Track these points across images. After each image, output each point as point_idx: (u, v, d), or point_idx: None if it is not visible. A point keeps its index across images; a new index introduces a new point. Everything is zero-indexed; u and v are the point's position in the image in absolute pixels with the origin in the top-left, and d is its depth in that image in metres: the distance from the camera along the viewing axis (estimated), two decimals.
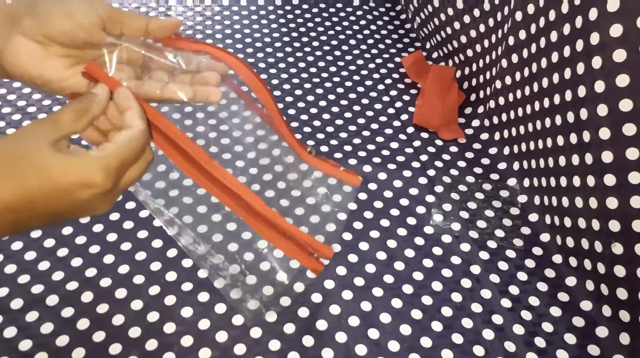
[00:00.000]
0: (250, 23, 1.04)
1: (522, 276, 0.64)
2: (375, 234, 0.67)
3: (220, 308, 0.58)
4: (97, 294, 0.59)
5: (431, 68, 0.89)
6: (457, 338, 0.58)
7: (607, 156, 0.56)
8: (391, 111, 0.86)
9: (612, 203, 0.56)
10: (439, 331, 0.58)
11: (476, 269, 0.64)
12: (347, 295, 0.61)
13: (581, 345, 0.58)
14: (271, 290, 0.54)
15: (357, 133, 0.82)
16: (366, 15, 1.09)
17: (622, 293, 0.56)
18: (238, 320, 0.57)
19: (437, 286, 0.62)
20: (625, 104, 0.53)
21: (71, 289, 0.59)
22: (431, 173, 0.76)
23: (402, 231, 0.68)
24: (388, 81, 0.92)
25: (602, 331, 0.58)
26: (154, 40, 0.42)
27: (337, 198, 0.55)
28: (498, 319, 0.59)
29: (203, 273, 0.60)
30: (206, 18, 1.04)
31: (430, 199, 0.72)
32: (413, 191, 0.73)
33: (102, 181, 0.34)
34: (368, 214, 0.70)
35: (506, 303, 0.61)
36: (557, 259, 0.65)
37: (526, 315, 0.60)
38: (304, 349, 0.56)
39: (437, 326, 0.58)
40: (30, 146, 0.33)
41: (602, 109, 0.55)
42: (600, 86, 0.55)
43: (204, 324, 0.57)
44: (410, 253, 0.66)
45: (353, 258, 0.65)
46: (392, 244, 0.66)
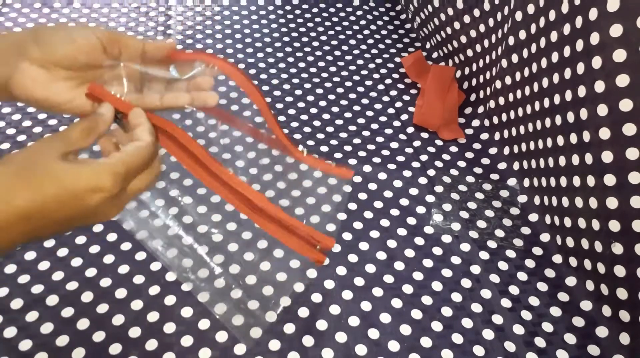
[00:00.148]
0: (250, 23, 1.04)
1: (522, 276, 0.64)
2: (375, 234, 0.67)
3: (220, 308, 0.58)
4: (97, 294, 0.59)
5: (431, 68, 0.89)
6: (457, 338, 0.58)
7: (607, 156, 0.56)
8: (391, 111, 0.86)
9: (612, 203, 0.56)
10: (439, 331, 0.58)
11: (476, 269, 0.64)
12: (347, 295, 0.61)
13: (581, 345, 0.58)
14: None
15: (357, 133, 0.82)
16: (366, 15, 1.09)
17: (622, 293, 0.56)
18: (238, 320, 0.57)
19: (437, 286, 0.62)
20: (625, 104, 0.53)
21: (71, 289, 0.59)
22: (431, 173, 0.76)
23: (402, 231, 0.68)
24: (388, 81, 0.92)
25: (602, 331, 0.58)
26: (151, 60, 0.45)
27: (337, 197, 0.56)
28: (498, 319, 0.59)
29: (203, 272, 0.60)
30: (206, 18, 1.04)
31: (430, 199, 0.72)
32: (413, 191, 0.73)
33: (111, 185, 0.36)
34: (368, 214, 0.70)
35: (506, 303, 0.61)
36: (557, 259, 0.65)
37: (526, 315, 0.60)
38: (304, 349, 0.56)
39: (437, 326, 0.59)
40: (43, 159, 0.36)
41: (602, 109, 0.55)
42: (600, 86, 0.55)
43: (204, 324, 0.57)
44: (410, 253, 0.66)
45: (353, 258, 0.65)
46: (392, 244, 0.66)
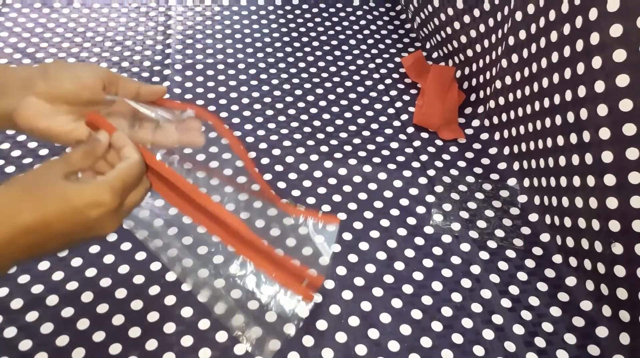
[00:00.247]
0: (250, 23, 1.04)
1: (522, 276, 0.64)
2: (375, 234, 0.67)
3: (220, 308, 0.58)
4: (97, 294, 0.59)
5: (431, 68, 0.89)
6: (457, 338, 0.58)
7: (607, 156, 0.56)
8: (391, 111, 0.86)
9: (612, 203, 0.56)
10: (439, 331, 0.58)
11: (476, 269, 0.64)
12: (347, 295, 0.61)
13: (581, 345, 0.58)
14: (274, 315, 0.56)
15: (357, 133, 0.82)
16: (366, 15, 1.09)
17: (622, 293, 0.56)
18: (238, 320, 0.57)
19: (437, 286, 0.62)
20: (625, 104, 0.53)
21: (71, 289, 0.59)
22: (431, 173, 0.76)
23: (402, 231, 0.68)
24: (388, 81, 0.92)
25: (602, 331, 0.58)
26: (144, 102, 0.49)
27: (326, 232, 0.57)
28: (498, 319, 0.59)
29: (203, 272, 0.60)
30: (206, 18, 1.04)
31: (430, 199, 0.72)
32: (413, 191, 0.73)
33: (110, 200, 0.40)
34: (368, 214, 0.70)
35: (506, 303, 0.61)
36: (557, 259, 0.65)
37: (526, 315, 0.60)
38: (304, 349, 0.56)
39: (437, 326, 0.58)
40: (47, 178, 0.40)
41: (602, 109, 0.55)
42: (600, 86, 0.55)
43: (204, 324, 0.57)
44: (410, 253, 0.66)
45: (353, 258, 0.65)
46: (392, 244, 0.66)
